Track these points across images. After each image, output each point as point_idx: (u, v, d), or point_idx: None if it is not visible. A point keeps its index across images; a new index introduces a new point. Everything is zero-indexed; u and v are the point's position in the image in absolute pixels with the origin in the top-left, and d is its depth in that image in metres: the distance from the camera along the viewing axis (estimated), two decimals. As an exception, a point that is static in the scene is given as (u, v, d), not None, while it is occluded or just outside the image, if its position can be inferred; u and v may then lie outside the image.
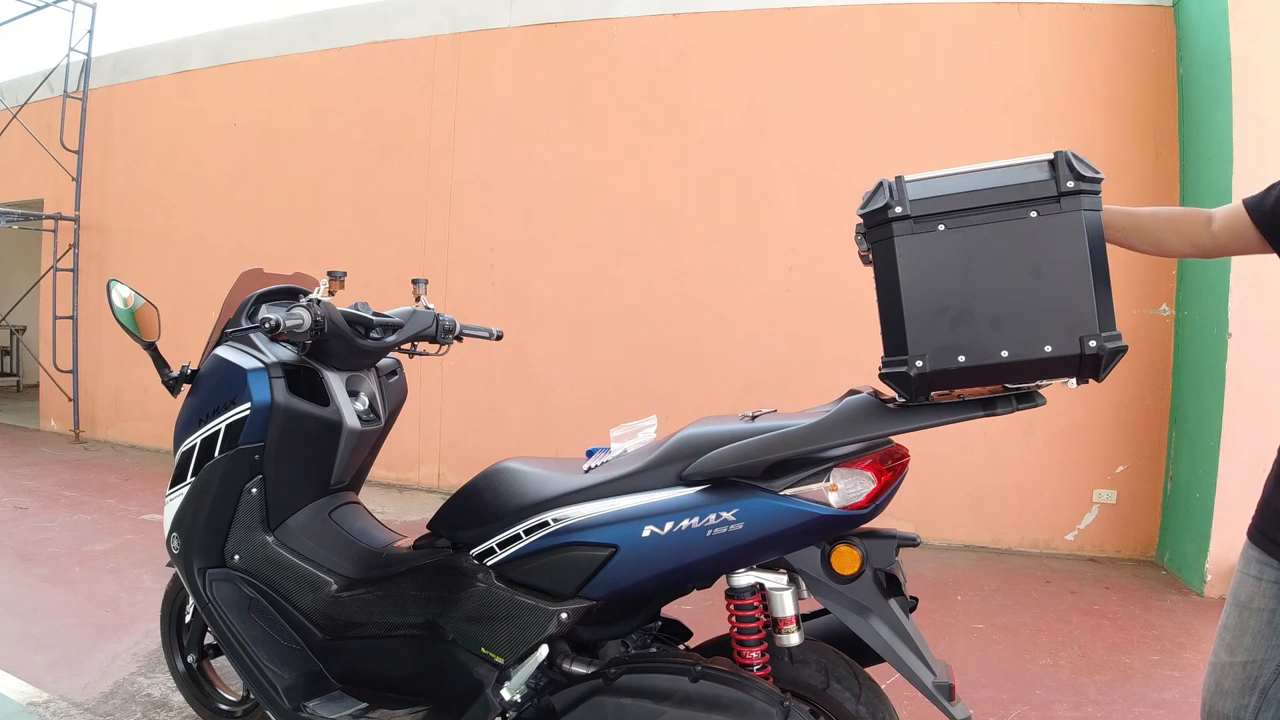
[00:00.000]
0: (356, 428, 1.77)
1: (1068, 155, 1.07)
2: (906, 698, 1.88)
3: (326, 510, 1.82)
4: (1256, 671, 1.25)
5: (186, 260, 5.97)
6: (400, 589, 1.63)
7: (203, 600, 1.72)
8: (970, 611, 3.14)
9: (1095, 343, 1.04)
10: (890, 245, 1.10)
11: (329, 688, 1.71)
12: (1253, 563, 1.27)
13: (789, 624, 1.34)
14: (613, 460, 1.47)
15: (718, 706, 1.26)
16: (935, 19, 4.14)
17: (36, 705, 2.18)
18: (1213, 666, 1.32)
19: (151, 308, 1.87)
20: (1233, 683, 1.27)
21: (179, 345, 2.53)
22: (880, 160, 4.04)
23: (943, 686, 1.24)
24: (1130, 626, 3.00)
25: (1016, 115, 4.04)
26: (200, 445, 1.73)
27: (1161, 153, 3.88)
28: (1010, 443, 4.00)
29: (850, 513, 1.24)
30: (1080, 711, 2.31)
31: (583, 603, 1.39)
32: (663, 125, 4.58)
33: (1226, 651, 1.29)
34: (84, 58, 6.40)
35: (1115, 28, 3.94)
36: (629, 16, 4.66)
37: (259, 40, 5.79)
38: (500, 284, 4.93)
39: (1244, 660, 1.26)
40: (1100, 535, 3.96)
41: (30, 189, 6.88)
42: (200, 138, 5.99)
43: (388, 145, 5.24)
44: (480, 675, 1.47)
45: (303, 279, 1.99)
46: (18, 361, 9.70)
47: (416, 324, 1.88)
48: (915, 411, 1.17)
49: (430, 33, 5.14)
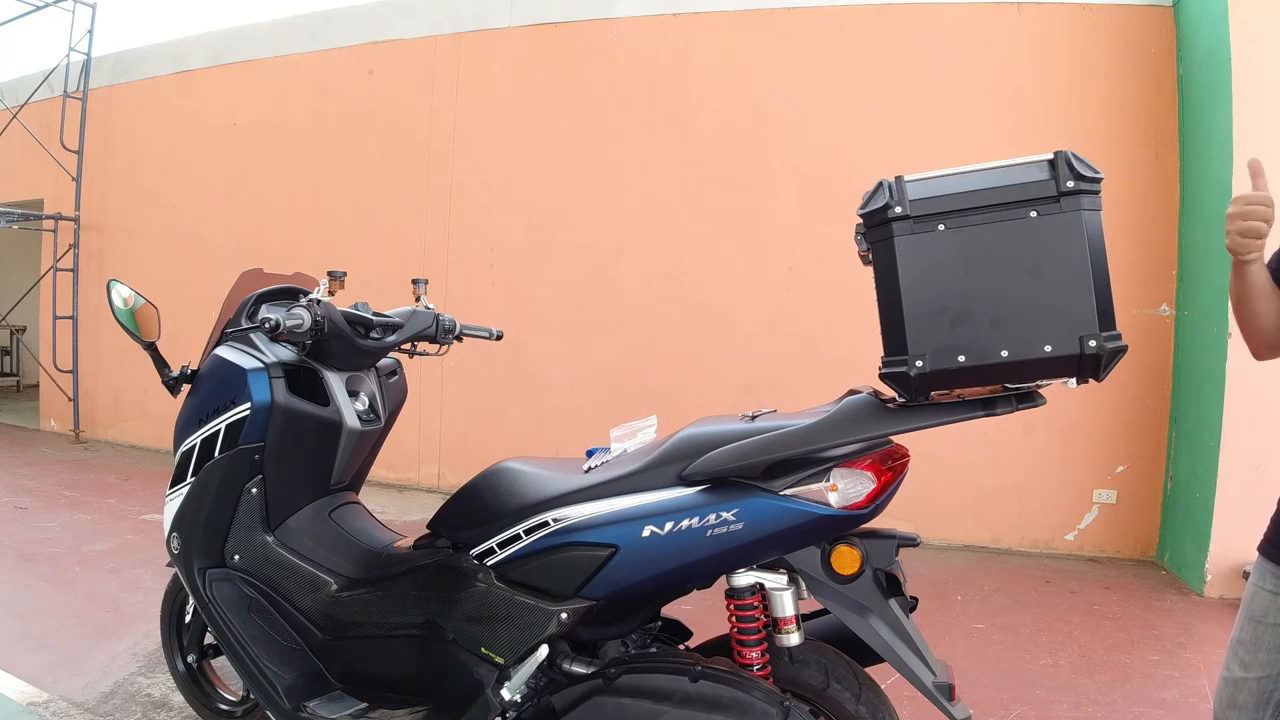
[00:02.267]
0: (356, 428, 1.77)
1: (1068, 155, 1.06)
2: (906, 698, 1.88)
3: (326, 510, 1.82)
4: (1271, 686, 1.25)
5: (186, 260, 5.97)
6: (400, 589, 1.63)
7: (203, 600, 1.72)
8: (970, 611, 3.14)
9: (1095, 343, 1.03)
10: (890, 245, 1.10)
11: (329, 688, 1.71)
12: (1268, 577, 1.27)
13: (789, 624, 1.34)
14: (613, 460, 1.47)
15: (718, 706, 1.26)
16: (935, 19, 4.14)
17: (36, 705, 2.18)
18: (1225, 681, 1.31)
19: (151, 308, 1.87)
20: (1247, 698, 1.27)
21: (179, 345, 2.52)
22: (880, 160, 4.03)
23: (943, 686, 1.24)
24: (1130, 626, 3.00)
25: (1016, 115, 4.04)
26: (200, 445, 1.73)
27: (1161, 153, 3.88)
28: (1010, 443, 4.00)
29: (850, 513, 1.24)
30: (1080, 711, 2.31)
31: (583, 603, 1.39)
32: (663, 125, 4.58)
33: (1241, 667, 1.28)
34: (84, 58, 6.40)
35: (1115, 28, 3.94)
36: (629, 16, 4.66)
37: (259, 40, 5.79)
38: (500, 284, 4.92)
39: (1259, 675, 1.26)
40: (1100, 535, 3.96)
41: (30, 189, 6.88)
42: (200, 138, 5.99)
43: (388, 145, 5.24)
44: (480, 675, 1.47)
45: (303, 279, 1.99)
46: (18, 361, 9.70)
47: (416, 324, 1.88)
48: (915, 411, 1.17)
49: (430, 33, 5.14)
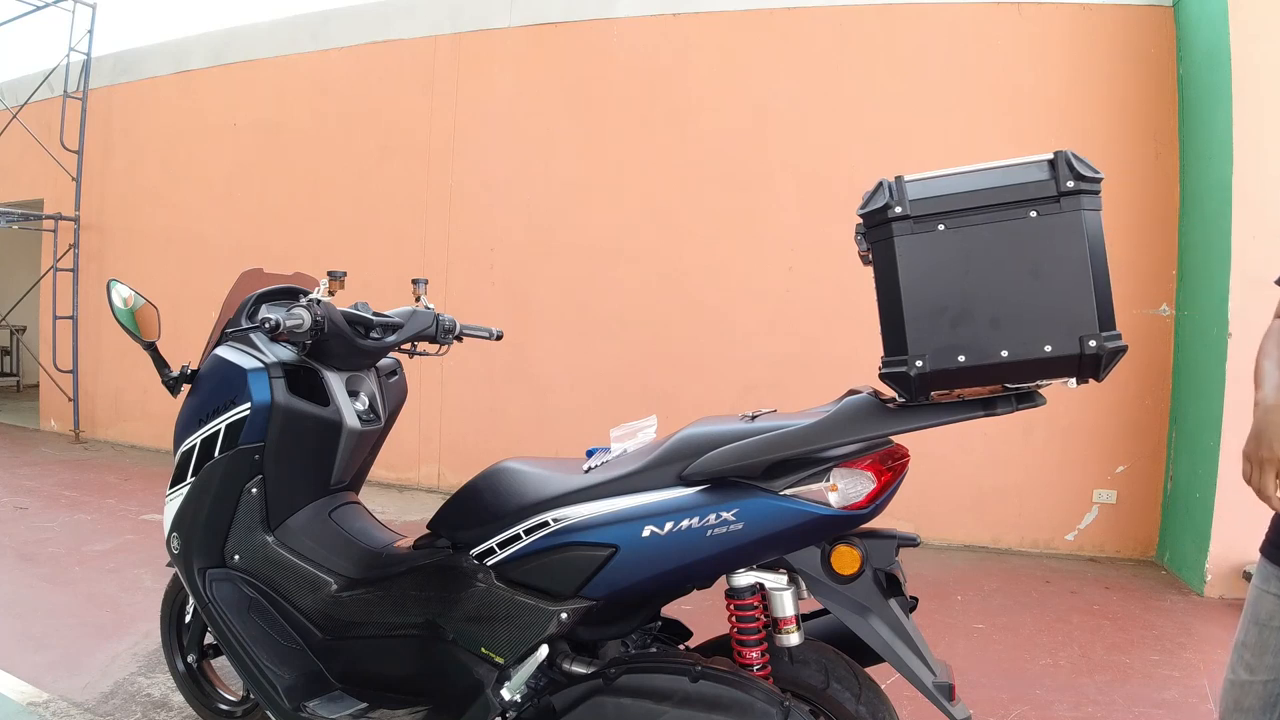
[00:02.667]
0: (356, 428, 1.77)
1: (1068, 155, 1.06)
2: (906, 698, 1.88)
3: (326, 510, 1.82)
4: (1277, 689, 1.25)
5: (186, 260, 5.97)
6: (400, 589, 1.63)
7: (203, 600, 1.72)
8: (970, 611, 3.14)
9: (1095, 343, 1.03)
10: (890, 245, 1.10)
11: (329, 688, 1.71)
12: (1271, 579, 1.26)
13: (789, 624, 1.34)
14: (613, 460, 1.47)
15: (718, 706, 1.26)
16: (935, 19, 4.14)
17: (36, 705, 2.18)
18: (1231, 684, 1.30)
19: (151, 308, 1.87)
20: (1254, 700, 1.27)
21: (179, 345, 2.52)
22: (880, 160, 4.04)
23: (943, 686, 1.24)
24: (1130, 626, 3.00)
25: (1016, 115, 4.03)
26: (200, 445, 1.73)
27: (1161, 153, 3.88)
28: (1010, 443, 4.00)
29: (850, 513, 1.24)
30: (1080, 711, 2.31)
31: (583, 603, 1.39)
32: (663, 125, 4.57)
33: (1246, 670, 1.28)
34: (84, 58, 6.40)
35: (1115, 28, 3.94)
36: (629, 16, 4.66)
37: (259, 40, 5.79)
38: (500, 284, 4.92)
39: (1265, 679, 1.25)
40: (1100, 535, 3.96)
41: (30, 189, 6.88)
42: (200, 138, 5.99)
43: (388, 145, 5.24)
44: (480, 675, 1.47)
45: (303, 279, 1.99)
46: (18, 361, 9.69)
47: (416, 324, 1.88)
48: (915, 411, 1.17)
49: (430, 33, 5.14)
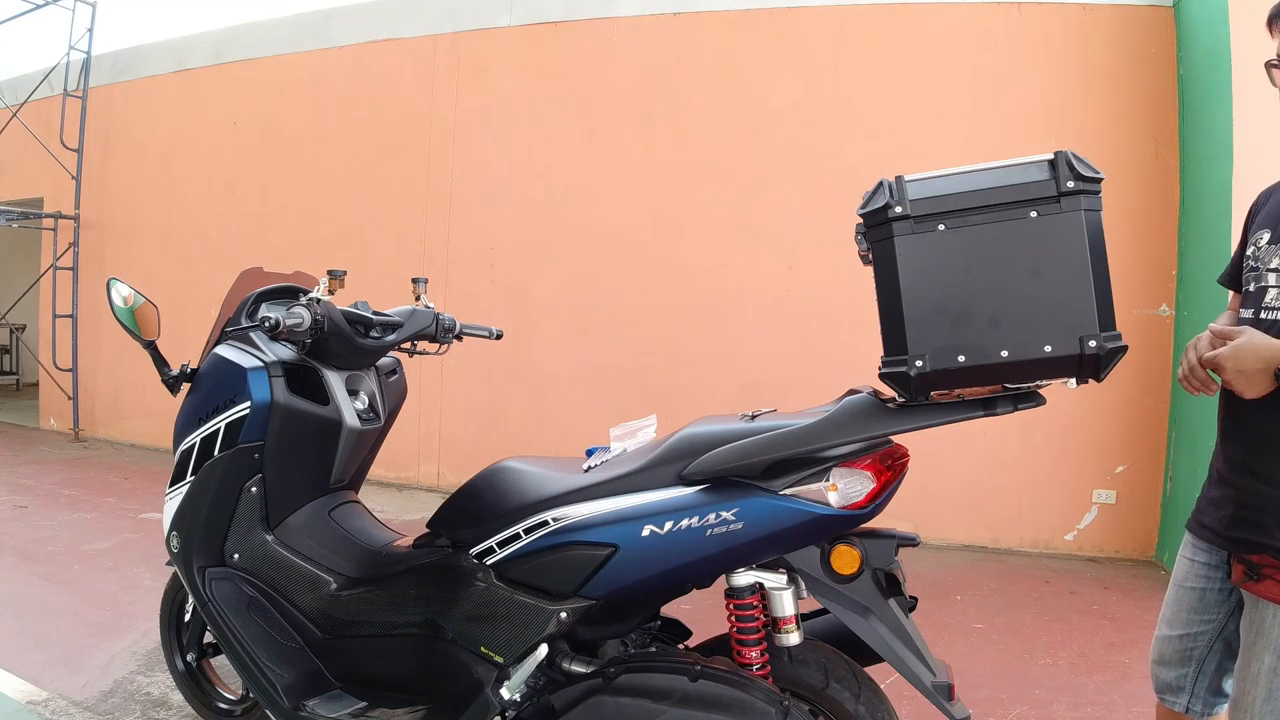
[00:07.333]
0: (356, 427, 1.77)
1: (1068, 155, 1.06)
2: (906, 698, 1.88)
3: (326, 509, 1.82)
4: (1191, 644, 1.38)
5: (186, 259, 5.97)
6: (400, 588, 1.63)
7: (202, 599, 1.72)
8: (970, 611, 3.14)
9: (1095, 343, 1.03)
10: (890, 245, 1.10)
11: (328, 686, 1.71)
12: (1188, 546, 1.42)
13: (788, 624, 1.35)
14: (612, 460, 1.47)
15: (717, 706, 1.26)
16: (935, 19, 4.14)
17: (36, 704, 2.18)
18: (1156, 640, 1.45)
19: (151, 306, 1.87)
20: (1172, 654, 1.41)
21: (179, 344, 2.53)
22: (880, 160, 4.04)
23: (942, 686, 1.24)
24: (1129, 626, 3.00)
25: (1016, 115, 4.03)
26: (200, 444, 1.73)
27: (1161, 153, 3.88)
28: (1010, 443, 4.00)
29: (850, 512, 1.24)
30: (1079, 711, 2.31)
31: (582, 602, 1.39)
32: (663, 125, 4.57)
33: (1166, 625, 1.43)
34: (84, 56, 6.40)
35: (1115, 28, 3.94)
36: (629, 16, 4.66)
37: (259, 39, 5.79)
38: (500, 284, 4.92)
39: (1179, 633, 1.40)
40: (1100, 535, 3.96)
41: (30, 187, 6.88)
42: (200, 137, 5.99)
43: (388, 145, 5.24)
44: (480, 674, 1.47)
45: (303, 278, 1.99)
46: (17, 360, 9.69)
47: (416, 323, 1.88)
48: (915, 411, 1.17)
49: (431, 32, 5.14)
